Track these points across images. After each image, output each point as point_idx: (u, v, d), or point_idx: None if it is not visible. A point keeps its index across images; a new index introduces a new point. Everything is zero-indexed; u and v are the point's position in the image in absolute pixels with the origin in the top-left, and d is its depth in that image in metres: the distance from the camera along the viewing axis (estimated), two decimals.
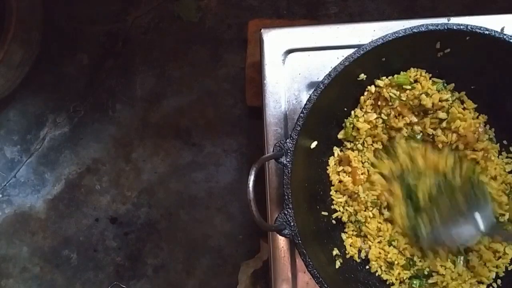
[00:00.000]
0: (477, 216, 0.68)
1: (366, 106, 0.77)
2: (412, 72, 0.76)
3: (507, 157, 0.78)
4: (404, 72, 0.76)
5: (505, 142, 0.79)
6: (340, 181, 0.78)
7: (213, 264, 1.32)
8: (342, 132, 0.79)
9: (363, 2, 1.40)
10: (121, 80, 1.43)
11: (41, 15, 1.40)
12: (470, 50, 0.71)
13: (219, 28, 1.43)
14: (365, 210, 0.78)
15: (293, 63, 0.87)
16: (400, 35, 0.68)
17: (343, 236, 0.79)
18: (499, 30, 0.67)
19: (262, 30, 0.89)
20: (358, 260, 0.78)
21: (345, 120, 0.78)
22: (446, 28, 0.68)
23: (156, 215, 1.36)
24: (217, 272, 1.32)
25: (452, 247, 0.74)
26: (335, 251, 0.76)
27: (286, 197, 0.67)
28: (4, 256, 1.37)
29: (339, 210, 0.78)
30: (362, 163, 0.78)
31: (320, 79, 0.70)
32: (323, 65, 0.86)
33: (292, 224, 0.66)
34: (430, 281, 0.76)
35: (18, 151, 1.42)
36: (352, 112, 0.78)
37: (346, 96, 0.76)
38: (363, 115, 0.77)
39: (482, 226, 0.68)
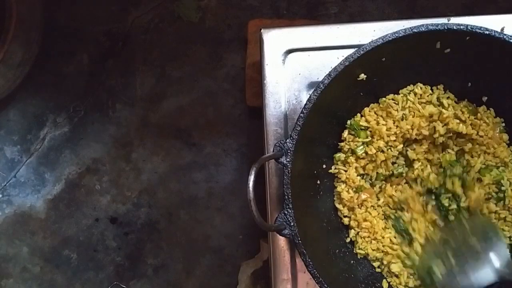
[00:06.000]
0: (492, 255, 0.67)
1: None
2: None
3: None
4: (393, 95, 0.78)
5: None
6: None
7: (213, 264, 1.32)
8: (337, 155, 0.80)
9: (363, 2, 1.40)
10: (121, 80, 1.43)
11: (41, 15, 1.40)
12: (470, 50, 0.71)
13: (219, 28, 1.43)
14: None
15: (293, 63, 0.87)
16: (400, 35, 0.68)
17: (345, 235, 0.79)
18: (499, 30, 0.67)
19: (262, 30, 0.89)
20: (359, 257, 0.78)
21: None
22: (446, 28, 0.68)
23: (156, 215, 1.36)
24: (217, 272, 1.32)
25: None
26: (336, 251, 0.76)
27: (286, 197, 0.67)
28: (4, 256, 1.37)
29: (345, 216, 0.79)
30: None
31: (320, 79, 0.69)
32: (323, 65, 0.86)
33: (292, 224, 0.66)
34: None
35: (18, 151, 1.42)
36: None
37: (346, 96, 0.76)
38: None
39: (497, 264, 0.67)
